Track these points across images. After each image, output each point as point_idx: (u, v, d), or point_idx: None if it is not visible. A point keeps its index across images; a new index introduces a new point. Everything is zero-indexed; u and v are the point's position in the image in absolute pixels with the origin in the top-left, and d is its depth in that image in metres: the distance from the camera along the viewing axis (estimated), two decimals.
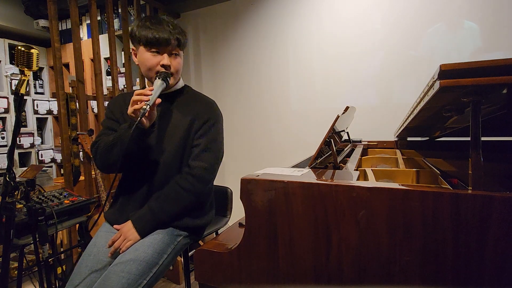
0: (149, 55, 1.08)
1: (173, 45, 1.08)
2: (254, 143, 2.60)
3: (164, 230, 1.08)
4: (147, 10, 2.58)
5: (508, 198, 0.59)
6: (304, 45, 2.31)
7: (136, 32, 1.09)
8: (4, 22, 2.87)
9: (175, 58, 1.11)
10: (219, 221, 1.50)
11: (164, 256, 1.02)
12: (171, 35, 1.06)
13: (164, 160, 1.12)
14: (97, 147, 1.12)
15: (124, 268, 0.93)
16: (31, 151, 3.14)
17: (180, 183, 1.08)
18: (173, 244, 1.07)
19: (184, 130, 1.12)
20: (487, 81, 0.57)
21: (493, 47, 1.76)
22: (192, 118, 1.14)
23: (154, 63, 1.08)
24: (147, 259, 0.97)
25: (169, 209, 1.07)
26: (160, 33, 1.05)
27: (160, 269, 1.00)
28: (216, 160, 1.14)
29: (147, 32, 1.06)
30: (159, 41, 1.05)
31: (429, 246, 0.65)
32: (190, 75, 2.86)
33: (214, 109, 1.19)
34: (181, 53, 1.14)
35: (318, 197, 0.74)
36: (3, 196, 1.02)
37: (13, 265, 1.94)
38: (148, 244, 1.01)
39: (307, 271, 0.77)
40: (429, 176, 1.12)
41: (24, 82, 1.02)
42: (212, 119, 1.15)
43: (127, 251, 1.00)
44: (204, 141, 1.12)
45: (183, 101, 1.19)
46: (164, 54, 1.08)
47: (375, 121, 2.10)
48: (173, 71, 1.11)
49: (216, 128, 1.16)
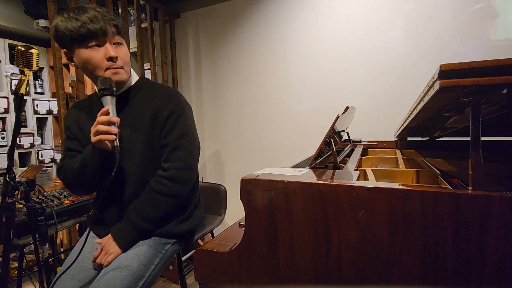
0: (89, 52, 0.91)
1: (113, 33, 0.92)
2: (254, 143, 2.60)
3: (148, 240, 1.00)
4: (147, 10, 2.58)
5: (508, 198, 0.59)
6: (304, 45, 2.31)
7: (61, 28, 0.89)
8: (4, 22, 2.87)
9: (119, 47, 0.96)
10: (214, 220, 1.48)
11: (151, 267, 0.96)
12: (104, 22, 0.89)
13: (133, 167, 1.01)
14: (64, 173, 1.02)
15: (108, 284, 0.86)
16: (31, 151, 3.14)
17: (154, 187, 0.98)
18: (161, 253, 1.00)
19: (146, 130, 1.00)
20: (487, 81, 0.57)
21: (493, 47, 1.76)
22: (152, 114, 1.00)
23: (98, 60, 0.92)
24: (132, 273, 0.90)
25: (148, 216, 0.97)
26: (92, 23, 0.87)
27: (148, 281, 0.94)
28: (190, 156, 1.01)
29: (75, 24, 0.87)
30: (95, 32, 0.88)
31: (429, 246, 0.65)
32: (190, 75, 2.86)
33: (176, 100, 1.03)
34: (123, 41, 0.99)
35: (318, 197, 0.74)
36: (3, 196, 1.02)
37: (13, 265, 1.94)
38: (133, 257, 0.94)
39: (307, 271, 0.77)
40: (429, 176, 1.12)
41: (24, 82, 1.02)
42: (176, 112, 1.01)
43: (110, 266, 0.93)
44: (172, 139, 1.00)
45: (140, 98, 1.04)
46: (106, 45, 0.92)
47: (375, 121, 2.10)
48: (121, 64, 0.96)
49: (183, 121, 1.01)
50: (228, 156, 2.72)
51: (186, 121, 1.03)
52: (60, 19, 0.90)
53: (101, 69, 0.94)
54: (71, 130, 1.08)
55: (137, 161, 1.01)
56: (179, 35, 2.87)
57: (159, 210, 0.98)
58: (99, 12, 0.90)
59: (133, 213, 0.98)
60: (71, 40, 0.91)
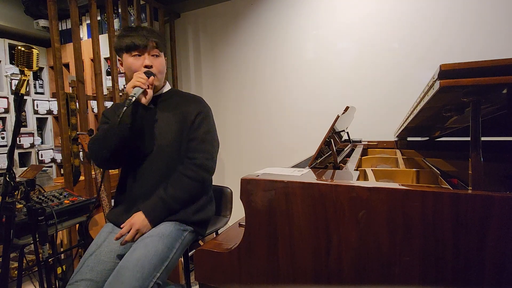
0: (132, 59, 1.17)
1: (151, 46, 1.17)
2: (254, 143, 2.60)
3: (171, 224, 1.11)
4: (147, 10, 2.58)
5: (508, 198, 0.59)
6: (304, 45, 2.31)
7: (117, 43, 1.20)
8: (4, 22, 2.87)
9: (156, 58, 1.20)
10: (219, 221, 1.50)
11: (173, 250, 1.06)
12: (147, 38, 1.16)
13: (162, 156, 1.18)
14: (93, 138, 1.20)
15: (137, 263, 0.95)
16: (31, 151, 3.14)
17: (184, 172, 1.15)
18: (180, 238, 1.11)
19: (177, 126, 1.20)
20: (487, 81, 0.57)
21: (494, 47, 1.76)
22: (183, 114, 1.21)
23: (137, 65, 1.17)
24: (159, 253, 1.00)
25: (178, 196, 1.13)
26: (136, 38, 1.16)
27: (170, 263, 1.04)
28: (213, 149, 1.22)
29: (125, 39, 1.17)
30: (137, 44, 1.15)
31: (429, 246, 0.65)
32: (190, 75, 2.86)
33: (203, 104, 1.27)
34: (161, 55, 1.23)
35: (318, 197, 0.74)
36: (3, 196, 1.02)
37: (13, 265, 1.94)
38: (158, 239, 1.05)
39: (307, 271, 0.77)
40: (429, 176, 1.12)
41: (24, 82, 1.02)
42: (203, 113, 1.23)
43: (137, 247, 1.02)
44: (200, 134, 1.20)
45: (172, 103, 1.25)
46: (145, 54, 1.18)
47: (375, 121, 2.10)
48: (155, 71, 1.19)
49: (208, 121, 1.24)
50: (228, 156, 2.72)
51: (210, 121, 1.25)
52: (118, 34, 1.22)
53: None
54: (108, 117, 1.27)
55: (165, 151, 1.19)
56: (179, 35, 2.87)
57: (186, 192, 1.14)
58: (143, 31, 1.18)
59: (165, 192, 1.12)
60: (121, 49, 1.19)
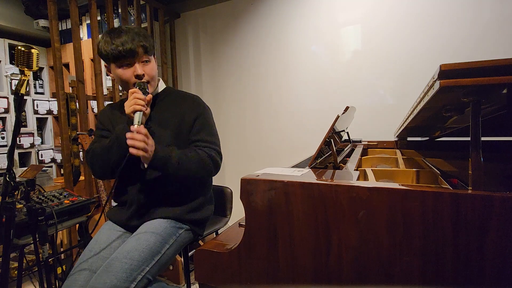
0: (121, 70, 1.11)
1: (140, 53, 1.10)
2: (254, 143, 2.60)
3: (165, 221, 1.10)
4: (147, 10, 2.58)
5: (508, 198, 0.59)
6: (304, 45, 2.31)
7: (102, 50, 1.11)
8: (4, 22, 2.87)
9: (146, 65, 1.13)
10: (219, 221, 1.50)
11: (166, 246, 1.05)
12: (134, 44, 1.07)
13: None
14: (93, 152, 1.13)
15: (127, 255, 0.95)
16: (31, 151, 3.14)
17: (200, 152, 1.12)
18: (175, 235, 1.09)
19: (175, 126, 1.16)
20: (487, 81, 0.57)
21: (494, 47, 1.76)
22: (181, 115, 1.18)
23: (128, 76, 1.11)
24: (150, 247, 1.00)
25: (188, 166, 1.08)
26: (123, 45, 1.06)
27: (162, 258, 1.02)
28: (219, 144, 1.22)
29: (111, 47, 1.07)
30: (125, 54, 1.07)
31: (429, 246, 0.65)
32: (190, 75, 2.86)
33: (200, 103, 1.24)
34: (151, 58, 1.16)
35: (318, 197, 0.74)
36: (3, 196, 1.02)
37: (13, 265, 1.94)
38: (151, 234, 1.04)
39: (307, 271, 0.77)
40: (429, 176, 1.12)
41: (24, 82, 1.02)
42: (202, 113, 1.21)
43: (129, 241, 1.01)
44: (204, 134, 1.18)
45: (167, 102, 1.22)
46: (135, 65, 1.11)
47: (375, 121, 2.10)
48: (148, 78, 1.14)
49: (208, 119, 1.23)
50: (228, 156, 2.72)
51: (210, 120, 1.24)
52: (102, 40, 1.11)
53: (130, 84, 1.12)
54: (104, 123, 1.23)
55: None
56: (179, 35, 2.87)
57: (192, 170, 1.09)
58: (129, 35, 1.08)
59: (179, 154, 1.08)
60: (108, 59, 1.12)
